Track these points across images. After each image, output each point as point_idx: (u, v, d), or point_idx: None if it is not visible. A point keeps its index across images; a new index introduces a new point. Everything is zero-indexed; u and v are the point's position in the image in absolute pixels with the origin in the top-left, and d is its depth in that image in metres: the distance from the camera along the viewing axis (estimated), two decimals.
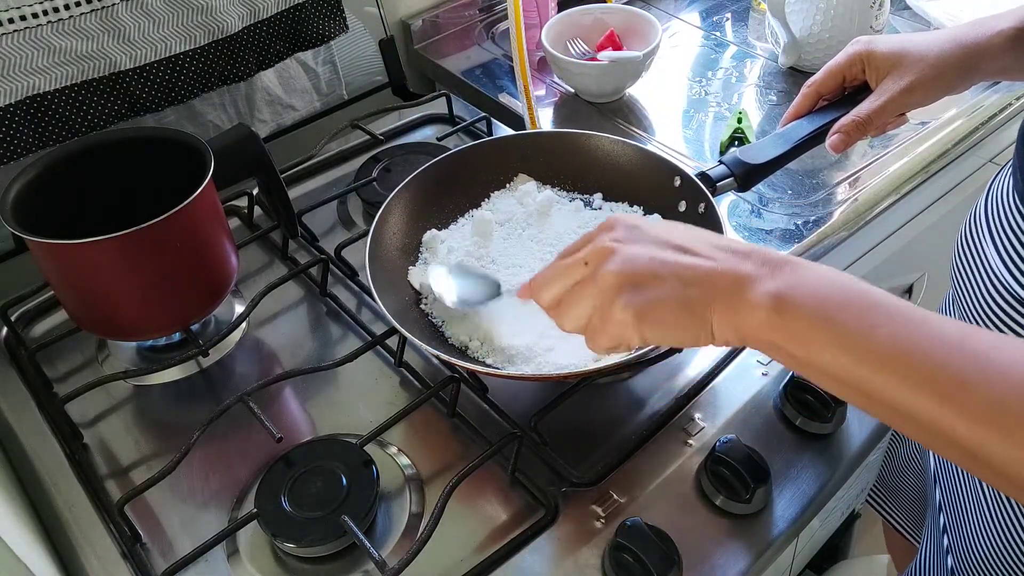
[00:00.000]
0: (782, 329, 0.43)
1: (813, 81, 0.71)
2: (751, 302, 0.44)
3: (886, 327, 0.41)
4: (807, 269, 0.44)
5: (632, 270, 0.47)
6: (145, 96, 0.87)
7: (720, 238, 0.48)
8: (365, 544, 0.56)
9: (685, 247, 0.47)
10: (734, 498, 0.60)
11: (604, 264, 0.47)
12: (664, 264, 0.46)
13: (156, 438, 0.70)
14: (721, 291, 0.45)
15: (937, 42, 0.65)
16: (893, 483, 1.01)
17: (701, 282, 0.45)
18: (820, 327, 0.42)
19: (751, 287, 0.44)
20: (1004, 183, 0.68)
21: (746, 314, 0.44)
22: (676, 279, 0.46)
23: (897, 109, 0.67)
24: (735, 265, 0.45)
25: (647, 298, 0.46)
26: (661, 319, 0.46)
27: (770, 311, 0.43)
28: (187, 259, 0.69)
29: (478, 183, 0.82)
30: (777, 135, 0.72)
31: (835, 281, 0.43)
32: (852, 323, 0.42)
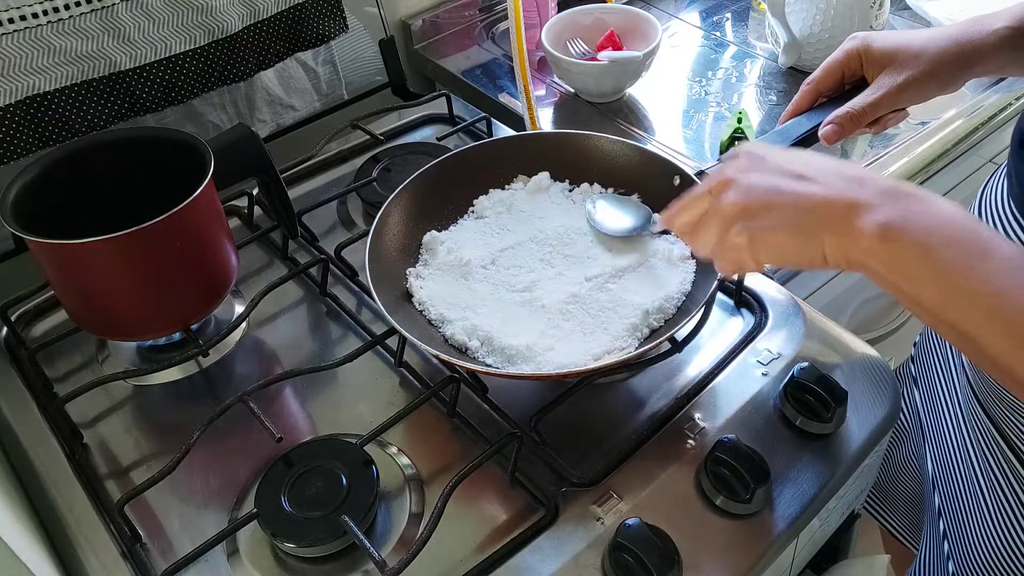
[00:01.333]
0: (885, 259, 0.45)
1: (812, 79, 0.71)
2: (860, 229, 0.45)
3: (985, 267, 0.42)
4: (924, 203, 0.45)
5: (747, 199, 0.49)
6: (145, 96, 0.87)
7: (844, 164, 0.49)
8: (365, 544, 0.56)
9: (804, 175, 0.49)
10: (734, 498, 0.60)
11: (725, 194, 0.51)
12: (780, 192, 0.48)
13: (156, 438, 0.70)
14: (833, 217, 0.46)
15: (933, 39, 0.66)
16: (889, 488, 1.01)
17: (815, 208, 0.47)
18: (921, 260, 0.43)
19: (863, 214, 0.45)
20: (997, 187, 0.68)
21: (854, 239, 0.45)
22: (791, 206, 0.48)
23: (892, 104, 0.67)
24: (851, 192, 0.46)
25: (761, 225, 0.49)
26: (774, 244, 0.49)
27: (876, 240, 0.44)
28: (187, 259, 0.69)
29: (478, 183, 0.82)
30: (776, 132, 0.72)
31: (948, 217, 0.44)
32: (953, 260, 0.43)
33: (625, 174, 0.80)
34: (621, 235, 0.75)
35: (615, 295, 0.71)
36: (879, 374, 0.70)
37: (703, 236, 0.53)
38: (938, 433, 0.83)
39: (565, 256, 0.75)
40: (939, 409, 0.83)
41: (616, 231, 0.75)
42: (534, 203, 0.81)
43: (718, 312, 0.77)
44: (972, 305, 0.42)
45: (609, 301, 0.70)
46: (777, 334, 0.73)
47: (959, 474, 0.77)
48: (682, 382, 0.71)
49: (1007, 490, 0.70)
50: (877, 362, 0.71)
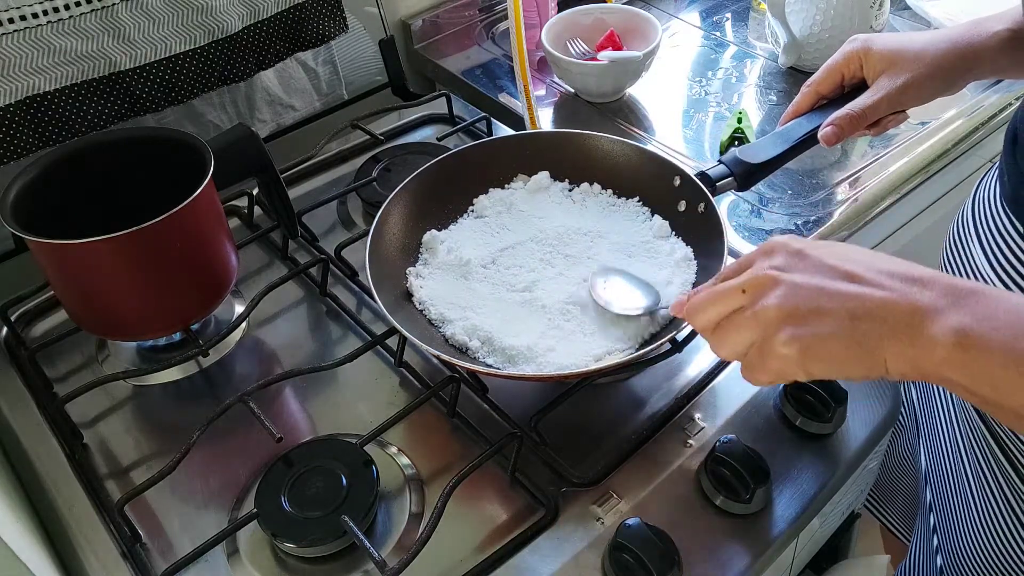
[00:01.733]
0: (967, 368, 0.40)
1: (812, 80, 0.71)
2: (931, 337, 0.40)
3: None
4: (995, 300, 0.41)
5: (796, 303, 0.44)
6: (145, 96, 0.87)
7: (894, 262, 0.44)
8: (365, 544, 0.56)
9: (854, 274, 0.44)
10: (734, 498, 0.60)
11: (765, 296, 0.45)
12: (831, 296, 0.43)
13: (156, 438, 0.70)
14: (896, 324, 0.42)
15: (933, 42, 0.66)
16: (887, 485, 1.01)
17: (873, 315, 0.42)
18: (1011, 367, 0.39)
19: (931, 320, 0.41)
20: (990, 186, 0.68)
21: (925, 350, 0.41)
22: (845, 312, 0.43)
23: (892, 106, 0.67)
24: (912, 295, 0.42)
25: (813, 333, 0.43)
26: (828, 355, 0.43)
27: (953, 348, 0.40)
28: (187, 259, 0.69)
29: (478, 183, 0.82)
30: (776, 134, 0.72)
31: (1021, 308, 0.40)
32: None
33: (625, 174, 0.80)
34: (627, 315, 0.69)
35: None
36: None
37: (734, 338, 0.47)
38: (931, 428, 0.83)
39: (565, 256, 0.75)
40: (932, 404, 0.83)
41: (621, 311, 0.68)
42: (534, 203, 0.81)
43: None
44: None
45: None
46: None
47: (949, 469, 0.78)
48: (682, 382, 0.71)
49: (994, 485, 0.71)
50: None
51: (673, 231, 0.77)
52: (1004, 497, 0.70)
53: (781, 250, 0.47)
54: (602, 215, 0.80)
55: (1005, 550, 0.71)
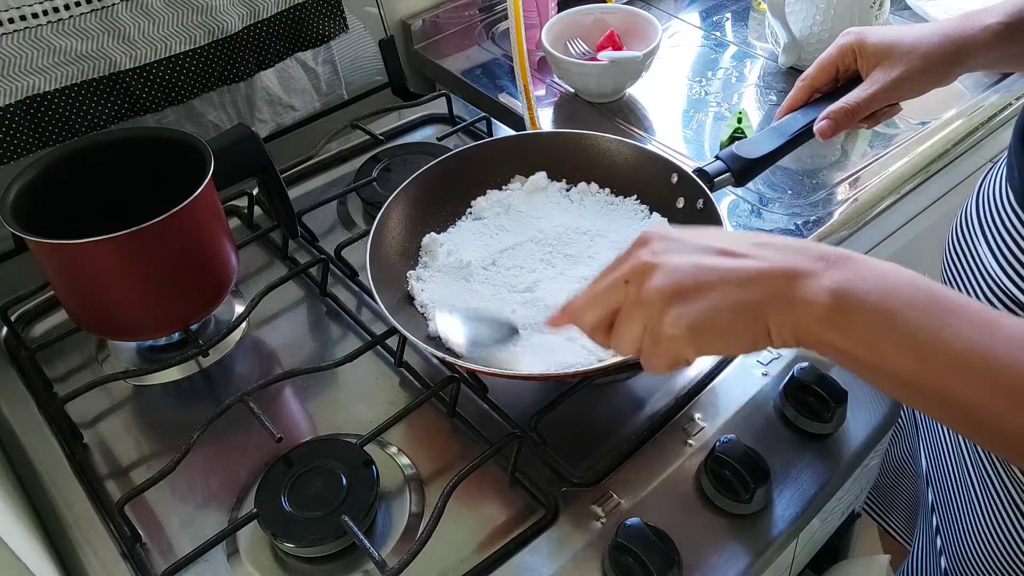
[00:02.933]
0: (844, 328, 0.40)
1: (807, 75, 0.72)
2: (809, 299, 0.41)
3: (954, 326, 0.39)
4: (867, 264, 0.42)
5: (677, 281, 0.44)
6: (145, 96, 0.87)
7: (765, 236, 0.45)
8: (365, 544, 0.56)
9: (728, 250, 0.44)
10: (734, 498, 0.60)
11: (647, 280, 0.45)
12: (710, 271, 0.44)
13: (156, 438, 0.70)
14: (775, 290, 0.42)
15: (927, 35, 0.66)
16: (887, 487, 1.01)
17: (752, 284, 0.43)
18: (884, 325, 0.40)
19: (807, 282, 0.41)
20: (996, 182, 0.68)
21: (804, 312, 0.41)
22: (725, 284, 0.43)
23: (886, 99, 0.67)
24: (788, 261, 0.43)
25: (698, 309, 0.43)
26: (715, 329, 0.43)
27: (829, 308, 0.40)
28: (187, 259, 0.69)
29: (476, 184, 0.82)
30: (772, 129, 0.72)
31: (899, 276, 0.41)
32: (919, 321, 0.39)
33: (623, 172, 0.81)
34: (480, 350, 0.66)
35: None
36: None
37: (626, 332, 0.46)
38: (931, 428, 0.83)
39: (565, 256, 0.75)
40: None
41: (470, 348, 0.65)
42: (532, 203, 0.81)
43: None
44: (956, 368, 0.39)
45: None
46: None
47: (951, 469, 0.78)
48: (682, 382, 0.71)
49: (998, 486, 0.71)
50: None
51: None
52: (1009, 496, 0.70)
53: (654, 238, 0.47)
54: (601, 214, 0.80)
55: (1011, 550, 0.71)
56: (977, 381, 0.38)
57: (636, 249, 0.47)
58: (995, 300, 0.64)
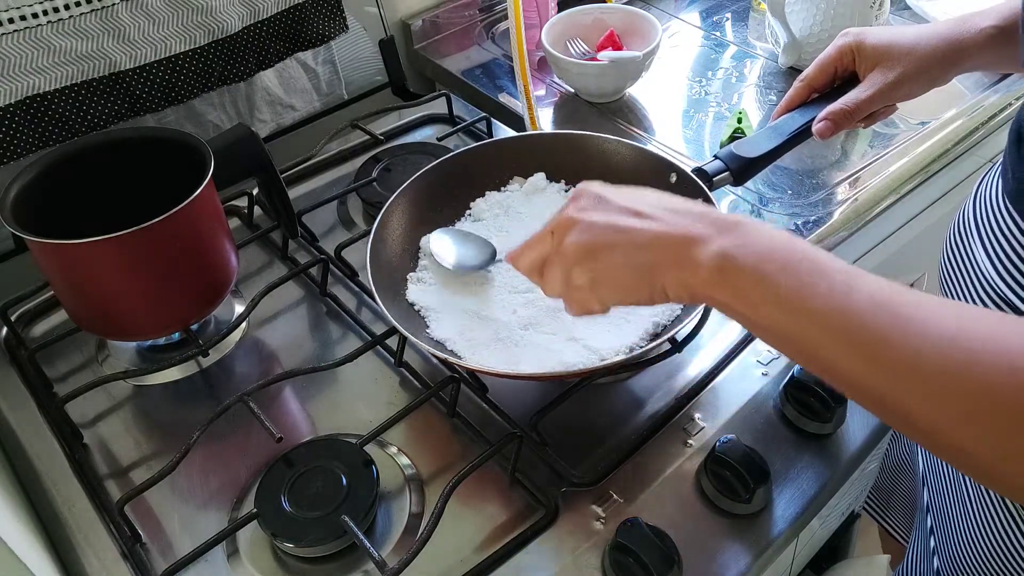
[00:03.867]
0: (726, 287, 0.45)
1: (805, 76, 0.73)
2: (698, 261, 0.46)
3: (821, 286, 0.42)
4: (756, 230, 0.46)
5: (588, 240, 0.50)
6: (145, 96, 0.87)
7: (683, 202, 0.50)
8: (365, 544, 0.56)
9: (643, 212, 0.49)
10: (734, 498, 0.60)
11: (567, 235, 0.51)
12: (619, 231, 0.49)
13: (156, 438, 0.70)
14: (671, 252, 0.47)
15: (923, 37, 0.67)
16: (887, 488, 1.01)
17: (652, 245, 0.48)
18: (760, 285, 0.44)
19: (699, 247, 0.46)
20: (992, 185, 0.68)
21: (693, 272, 0.46)
22: (629, 244, 0.48)
23: (884, 101, 0.69)
24: (686, 227, 0.47)
25: (601, 265, 0.49)
26: (615, 284, 0.50)
27: (714, 270, 0.45)
28: (187, 259, 0.69)
29: (474, 186, 0.82)
30: (770, 128, 0.72)
31: (781, 242, 0.45)
32: (791, 282, 0.43)
33: (621, 173, 0.80)
34: (464, 271, 0.73)
35: None
36: None
37: (550, 278, 0.53)
38: None
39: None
40: None
41: (459, 267, 0.73)
42: (531, 204, 0.81)
43: (718, 312, 0.77)
44: (816, 326, 0.42)
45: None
46: None
47: (946, 470, 0.78)
48: (682, 382, 0.71)
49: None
50: None
51: None
52: (1002, 499, 0.70)
53: (586, 195, 0.52)
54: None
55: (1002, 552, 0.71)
56: (836, 339, 0.41)
57: (569, 204, 0.53)
58: (990, 303, 0.64)
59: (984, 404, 0.37)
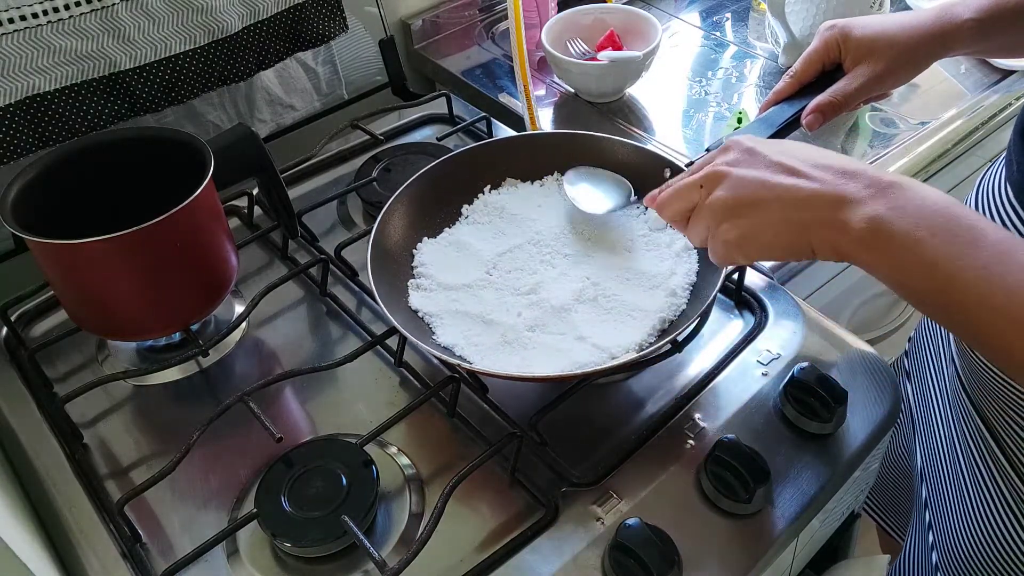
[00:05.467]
0: (876, 250, 0.45)
1: (794, 71, 0.75)
2: (849, 223, 0.46)
3: (975, 254, 0.42)
4: (912, 193, 0.45)
5: (738, 195, 0.50)
6: (145, 96, 0.87)
7: (832, 156, 0.50)
8: (365, 544, 0.56)
9: (795, 168, 0.49)
10: (734, 498, 0.60)
11: (716, 188, 0.52)
12: (771, 187, 0.49)
13: (156, 438, 0.70)
14: (821, 212, 0.47)
15: (906, 29, 0.69)
16: (884, 486, 1.01)
17: (802, 204, 0.48)
18: (910, 251, 0.44)
19: (851, 208, 0.46)
20: (995, 178, 0.68)
21: (842, 233, 0.46)
22: (779, 202, 0.49)
23: (870, 92, 0.71)
24: (839, 186, 0.47)
25: (750, 222, 0.50)
26: (763, 241, 0.50)
27: (866, 232, 0.45)
28: (187, 259, 0.69)
29: (478, 184, 0.82)
30: (760, 120, 0.73)
31: (936, 206, 0.45)
32: (941, 247, 0.43)
33: (619, 170, 0.81)
34: (604, 214, 0.77)
35: (622, 293, 0.71)
36: (879, 374, 0.70)
37: (696, 228, 0.54)
38: (927, 426, 0.83)
39: (565, 256, 0.75)
40: (928, 401, 0.83)
41: (598, 211, 0.76)
42: (526, 205, 0.81)
43: (718, 312, 0.77)
44: (966, 292, 0.43)
45: (616, 300, 0.70)
46: (777, 334, 0.73)
47: (944, 465, 0.78)
48: (682, 382, 0.71)
49: (990, 482, 0.71)
50: (877, 362, 0.71)
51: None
52: (1000, 494, 0.70)
53: (735, 148, 0.53)
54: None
55: (1001, 547, 0.71)
56: (986, 307, 0.42)
57: (718, 155, 0.54)
58: None
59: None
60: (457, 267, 0.75)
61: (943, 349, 0.81)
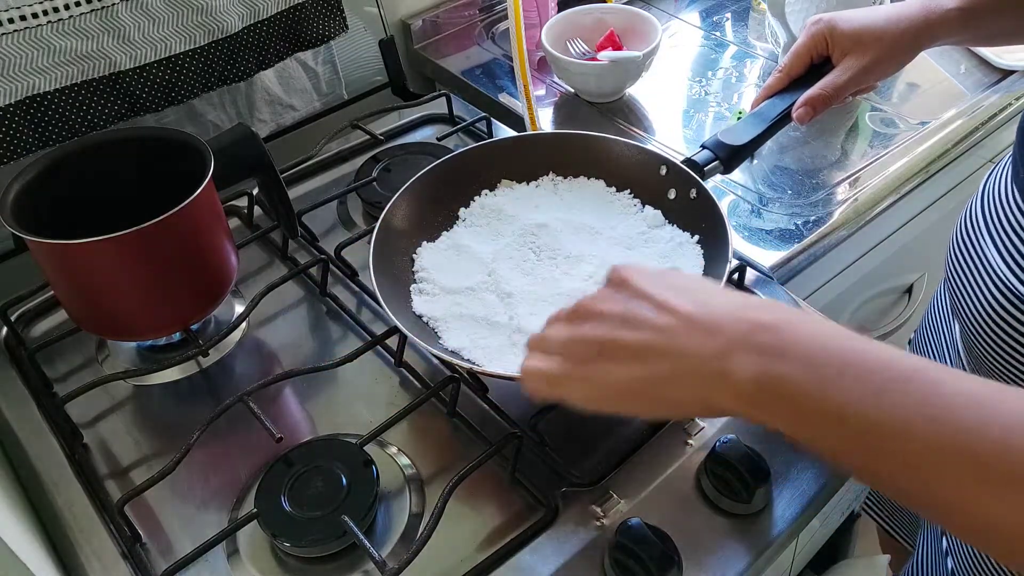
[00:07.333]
0: (766, 407, 0.37)
1: (783, 66, 0.76)
2: (726, 376, 0.38)
3: (894, 391, 0.34)
4: (793, 329, 0.37)
5: (599, 339, 0.43)
6: (145, 96, 0.87)
7: (708, 294, 0.42)
8: (365, 544, 0.56)
9: (667, 305, 0.41)
10: (734, 498, 0.60)
11: (584, 324, 0.44)
12: (620, 336, 0.42)
13: (156, 438, 0.70)
14: (689, 367, 0.39)
15: (893, 21, 0.70)
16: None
17: (667, 355, 0.40)
18: (812, 399, 0.35)
19: (726, 360, 0.38)
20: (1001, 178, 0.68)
21: (719, 391, 0.38)
22: (633, 355, 0.41)
23: (859, 84, 0.72)
24: (702, 341, 0.39)
25: (605, 378, 0.42)
26: (619, 397, 0.42)
27: (747, 383, 0.37)
28: (187, 259, 0.69)
29: (478, 184, 0.82)
30: (753, 115, 0.74)
31: (827, 340, 0.36)
32: (853, 390, 0.35)
33: (613, 168, 0.81)
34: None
35: None
36: None
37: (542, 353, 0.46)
38: None
39: (566, 257, 0.75)
40: None
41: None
42: (523, 205, 0.80)
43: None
44: (897, 439, 0.34)
45: None
46: None
47: None
48: None
49: None
50: None
51: (668, 220, 0.77)
52: None
53: (615, 280, 0.45)
54: (595, 211, 0.80)
55: None
56: (923, 452, 0.34)
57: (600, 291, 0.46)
58: (1000, 296, 0.64)
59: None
60: (458, 270, 0.75)
61: (947, 349, 0.81)
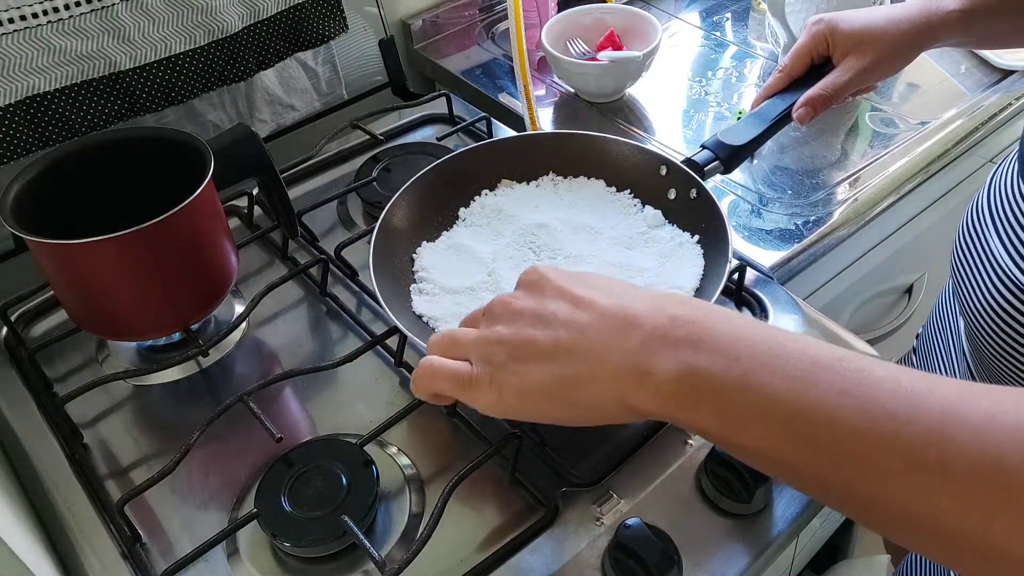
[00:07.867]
0: (688, 404, 0.36)
1: (783, 66, 0.75)
2: (645, 374, 0.36)
3: (820, 380, 0.33)
4: (713, 323, 0.36)
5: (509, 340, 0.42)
6: (145, 96, 0.87)
7: (617, 296, 0.41)
8: (365, 544, 0.56)
9: (582, 300, 0.41)
10: (734, 498, 0.60)
11: (496, 325, 0.44)
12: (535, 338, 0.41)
13: (156, 438, 0.70)
14: (605, 366, 0.38)
15: (894, 21, 0.70)
16: None
17: (582, 354, 0.39)
18: (736, 392, 0.34)
19: (645, 356, 0.37)
20: (1007, 172, 0.68)
21: (638, 390, 0.37)
22: (545, 355, 0.40)
23: (859, 84, 0.72)
24: (620, 337, 0.38)
25: (520, 379, 0.41)
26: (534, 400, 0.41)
27: (667, 381, 0.36)
28: (187, 259, 0.69)
29: (478, 184, 0.82)
30: (753, 115, 0.74)
31: (747, 332, 0.35)
32: (777, 381, 0.33)
33: (612, 168, 0.81)
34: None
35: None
36: None
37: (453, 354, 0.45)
38: None
39: (567, 257, 0.75)
40: None
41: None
42: (523, 205, 0.80)
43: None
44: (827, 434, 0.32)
45: None
46: None
47: None
48: None
49: None
50: None
51: (668, 220, 0.77)
52: None
53: (527, 282, 0.45)
54: (595, 211, 0.80)
55: None
56: (860, 447, 0.32)
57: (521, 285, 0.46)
58: (1004, 290, 0.64)
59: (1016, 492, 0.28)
60: (458, 270, 0.75)
61: (953, 344, 0.81)
